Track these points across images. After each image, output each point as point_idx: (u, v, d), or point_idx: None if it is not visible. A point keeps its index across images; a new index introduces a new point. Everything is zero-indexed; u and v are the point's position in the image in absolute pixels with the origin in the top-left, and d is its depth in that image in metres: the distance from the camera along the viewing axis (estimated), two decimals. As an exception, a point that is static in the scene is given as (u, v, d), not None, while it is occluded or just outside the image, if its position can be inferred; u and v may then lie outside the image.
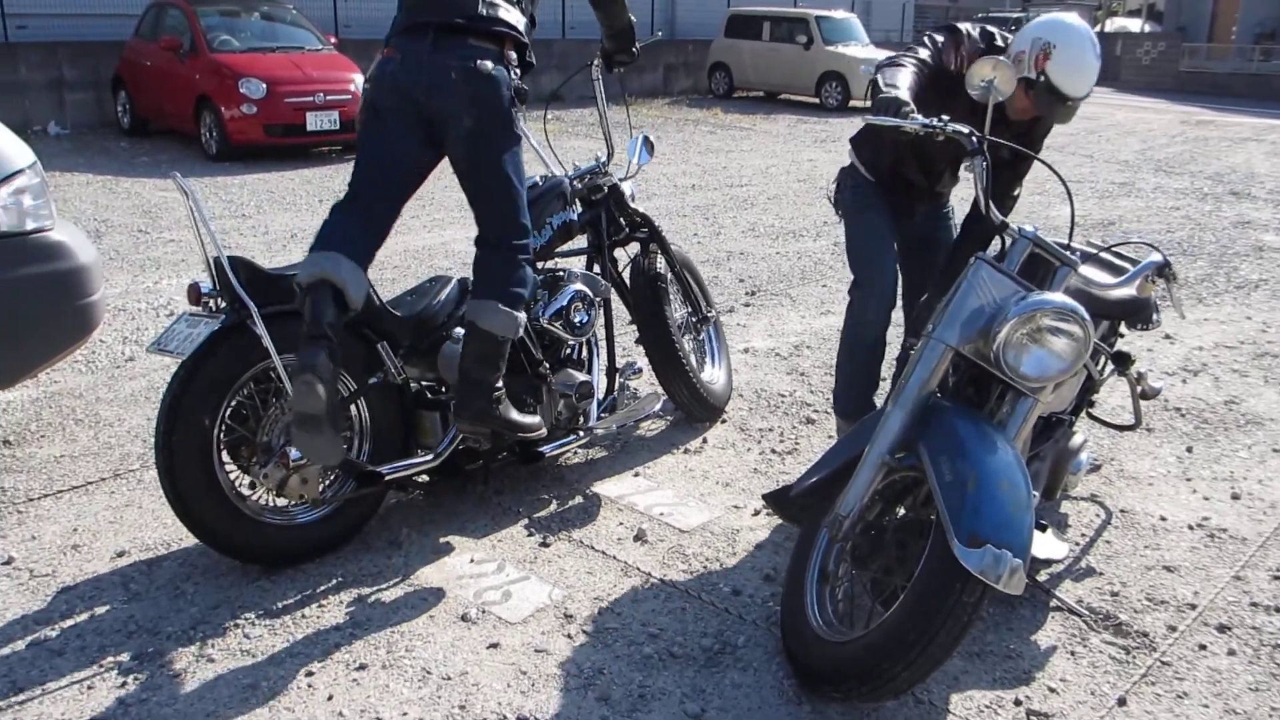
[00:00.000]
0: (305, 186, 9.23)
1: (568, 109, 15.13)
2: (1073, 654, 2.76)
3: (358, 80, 10.94)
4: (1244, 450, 4.11)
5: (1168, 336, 5.49)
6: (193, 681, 2.53)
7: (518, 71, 3.01)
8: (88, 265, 3.50)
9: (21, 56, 12.31)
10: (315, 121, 10.48)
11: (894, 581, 2.51)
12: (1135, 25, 33.75)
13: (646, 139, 3.96)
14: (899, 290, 3.53)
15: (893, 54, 3.15)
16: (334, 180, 9.51)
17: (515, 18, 2.99)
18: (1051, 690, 2.60)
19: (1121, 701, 2.57)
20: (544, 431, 3.30)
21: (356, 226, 2.94)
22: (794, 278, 6.71)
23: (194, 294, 2.82)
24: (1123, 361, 3.33)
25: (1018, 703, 2.55)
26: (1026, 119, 3.22)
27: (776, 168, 11.28)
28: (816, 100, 17.80)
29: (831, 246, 7.57)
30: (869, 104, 2.83)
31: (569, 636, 2.77)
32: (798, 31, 18.00)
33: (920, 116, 2.66)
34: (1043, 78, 3.00)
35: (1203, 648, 2.81)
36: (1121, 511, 3.57)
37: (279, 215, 8.09)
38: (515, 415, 3.16)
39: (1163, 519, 3.52)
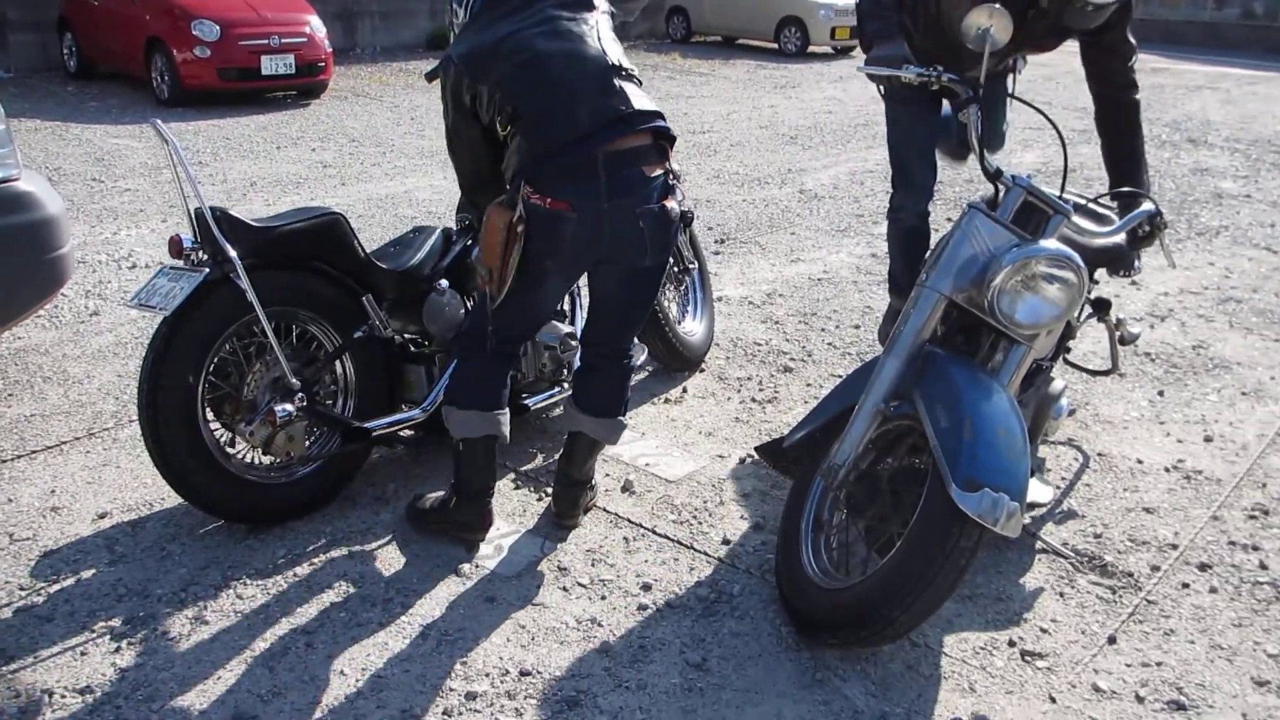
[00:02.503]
0: (261, 133, 9.00)
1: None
2: (1061, 595, 2.82)
3: (314, 22, 10.62)
4: (1213, 394, 4.19)
5: (1134, 283, 5.55)
6: (189, 645, 2.50)
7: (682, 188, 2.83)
8: (56, 216, 3.39)
9: (-39, -3, 11.83)
10: (270, 65, 10.14)
11: (889, 528, 2.54)
12: (1088, -31, 33.59)
13: None
14: (933, 185, 3.51)
15: None
16: (290, 126, 9.29)
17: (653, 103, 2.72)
18: (1043, 631, 2.66)
19: (1112, 640, 2.63)
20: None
21: (505, 375, 2.91)
22: (762, 225, 6.68)
23: (175, 247, 2.74)
24: (1102, 308, 3.37)
25: (1011, 644, 2.60)
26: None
27: (738, 114, 11.19)
28: (775, 46, 17.60)
29: (798, 194, 7.55)
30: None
31: (564, 590, 2.78)
32: (757, -26, 17.74)
33: (915, 66, 2.63)
34: None
35: (1186, 586, 2.88)
36: (1099, 455, 3.63)
37: (236, 163, 7.89)
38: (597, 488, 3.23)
39: (1139, 462, 3.59)
